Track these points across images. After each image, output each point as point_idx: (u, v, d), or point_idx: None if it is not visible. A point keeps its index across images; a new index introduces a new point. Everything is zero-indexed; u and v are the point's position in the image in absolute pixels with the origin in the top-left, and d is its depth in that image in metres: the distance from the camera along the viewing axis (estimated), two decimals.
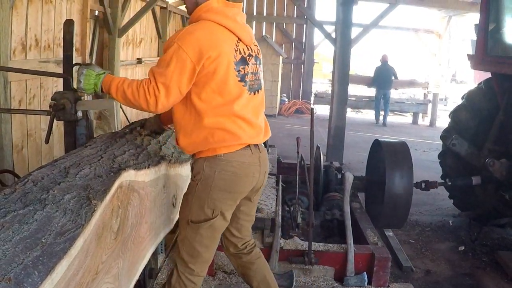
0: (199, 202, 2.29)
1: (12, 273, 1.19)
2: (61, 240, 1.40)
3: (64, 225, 1.47)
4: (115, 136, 2.53)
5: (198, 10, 2.25)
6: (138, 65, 9.30)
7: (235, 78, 2.23)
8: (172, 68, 2.12)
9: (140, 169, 2.13)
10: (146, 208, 2.23)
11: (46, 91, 5.43)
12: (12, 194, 1.57)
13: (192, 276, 2.38)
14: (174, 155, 2.76)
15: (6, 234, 1.32)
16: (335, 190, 4.52)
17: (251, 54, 2.34)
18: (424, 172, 6.48)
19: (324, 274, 3.50)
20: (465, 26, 15.69)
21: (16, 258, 1.24)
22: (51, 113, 2.85)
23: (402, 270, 4.08)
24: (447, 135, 5.16)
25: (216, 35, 2.19)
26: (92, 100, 5.76)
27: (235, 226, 2.53)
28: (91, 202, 1.63)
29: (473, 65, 5.09)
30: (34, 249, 1.31)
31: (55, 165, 1.92)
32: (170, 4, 10.94)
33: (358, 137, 10.16)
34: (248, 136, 2.29)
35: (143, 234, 2.22)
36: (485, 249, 4.63)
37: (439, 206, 5.91)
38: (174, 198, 2.77)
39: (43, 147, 5.43)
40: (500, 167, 4.46)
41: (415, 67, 23.26)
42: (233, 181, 2.28)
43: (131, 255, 2.03)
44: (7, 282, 1.15)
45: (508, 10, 4.77)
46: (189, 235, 2.34)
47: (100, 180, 1.82)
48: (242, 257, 2.62)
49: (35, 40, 5.14)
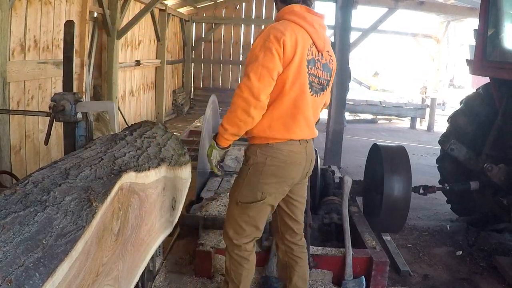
0: (249, 185, 2.51)
1: (13, 275, 1.18)
2: (62, 242, 1.39)
3: (65, 227, 1.45)
4: (115, 138, 2.52)
5: (281, 12, 2.52)
6: (136, 67, 9.31)
7: (306, 75, 2.43)
8: (260, 59, 2.31)
9: (140, 171, 2.11)
10: (146, 210, 2.21)
11: (45, 92, 5.42)
12: (12, 195, 1.55)
13: (241, 251, 2.61)
14: (174, 158, 2.76)
15: (7, 235, 1.31)
16: (333, 194, 4.51)
17: (320, 60, 2.53)
18: (422, 176, 6.48)
19: (322, 278, 3.50)
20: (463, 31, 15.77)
21: (17, 259, 1.23)
22: (50, 114, 2.86)
23: (399, 275, 4.07)
24: (445, 140, 5.16)
25: (295, 32, 2.38)
26: (92, 101, 5.75)
27: (290, 208, 2.73)
28: (92, 204, 1.62)
29: (472, 70, 5.09)
30: (35, 251, 1.30)
31: (55, 166, 1.90)
32: (169, 7, 10.95)
33: (356, 141, 10.17)
34: (301, 133, 2.50)
35: (143, 236, 2.21)
36: (482, 254, 4.63)
37: (437, 210, 5.91)
38: (174, 201, 2.77)
39: (41, 149, 5.42)
40: (498, 172, 4.46)
41: (413, 72, 23.33)
42: (282, 168, 2.49)
43: (131, 257, 2.02)
44: (8, 284, 1.14)
45: (507, 15, 4.78)
46: (236, 214, 2.57)
47: (101, 182, 1.80)
48: (294, 249, 2.80)
49: (34, 41, 5.13)
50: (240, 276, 2.64)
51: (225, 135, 2.42)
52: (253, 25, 13.79)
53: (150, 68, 10.49)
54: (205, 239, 3.50)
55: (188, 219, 3.71)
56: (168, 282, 3.22)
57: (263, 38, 2.35)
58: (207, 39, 14.01)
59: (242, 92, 2.30)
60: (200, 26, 14.03)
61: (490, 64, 4.76)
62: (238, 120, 2.35)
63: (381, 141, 6.64)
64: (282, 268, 2.90)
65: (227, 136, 2.42)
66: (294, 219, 2.77)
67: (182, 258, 3.65)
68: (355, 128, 12.37)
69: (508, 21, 4.78)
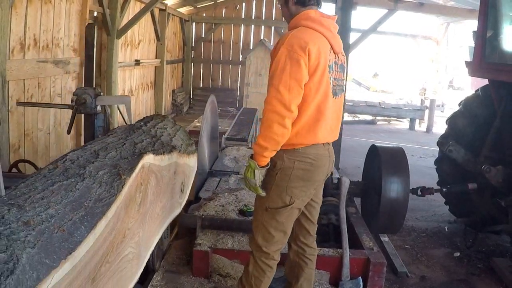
0: (278, 190, 2.50)
1: (65, 226, 1.53)
2: (100, 205, 1.75)
3: (100, 194, 1.82)
4: (133, 128, 2.87)
5: (297, 18, 2.50)
6: (136, 67, 9.30)
7: (328, 80, 2.45)
8: (288, 70, 2.32)
9: (157, 154, 2.48)
10: (161, 189, 2.56)
11: (44, 91, 5.42)
12: (55, 169, 1.92)
13: (267, 260, 2.61)
14: (183, 147, 3.08)
15: (56, 198, 1.67)
16: (331, 195, 4.51)
17: (337, 62, 2.57)
18: (420, 178, 6.49)
19: (319, 278, 3.50)
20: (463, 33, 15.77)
21: (66, 215, 1.59)
22: (73, 107, 3.28)
23: (397, 276, 4.08)
24: (444, 142, 5.17)
25: (316, 38, 2.40)
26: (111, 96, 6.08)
27: (308, 209, 2.75)
28: (121, 177, 1.98)
29: (471, 71, 5.10)
30: (79, 210, 1.66)
31: (85, 148, 2.27)
32: (169, 6, 10.95)
33: (354, 142, 10.18)
34: (324, 137, 2.53)
35: (158, 211, 2.56)
36: (480, 256, 4.64)
37: (435, 212, 5.92)
38: (182, 185, 3.11)
39: (39, 147, 5.43)
40: (496, 174, 4.46)
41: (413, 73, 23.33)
42: (310, 171, 2.51)
43: (148, 228, 2.36)
44: (62, 232, 1.50)
45: (506, 17, 4.79)
46: (265, 220, 2.57)
47: (127, 161, 2.17)
48: (306, 251, 2.82)
49: (33, 40, 5.14)
50: (260, 283, 2.65)
51: (265, 153, 2.40)
52: (253, 25, 13.78)
53: (150, 67, 10.49)
54: (203, 239, 3.50)
55: (186, 219, 3.70)
56: (165, 282, 3.22)
57: (286, 48, 2.34)
58: (207, 39, 14.01)
59: (274, 106, 2.31)
60: (200, 26, 14.04)
61: (488, 66, 4.77)
62: (276, 135, 2.34)
63: (380, 142, 6.64)
64: (290, 268, 2.91)
65: (267, 154, 2.40)
66: (310, 220, 2.80)
67: (180, 258, 3.65)
68: (354, 129, 12.38)
69: (507, 23, 4.79)
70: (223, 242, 3.51)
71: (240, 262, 3.40)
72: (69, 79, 6.04)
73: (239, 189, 4.46)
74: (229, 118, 9.10)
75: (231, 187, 4.58)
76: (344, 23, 7.35)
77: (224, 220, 3.73)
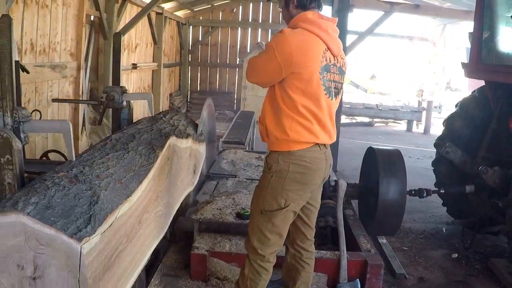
0: (273, 193, 2.53)
1: (123, 180, 2.11)
2: (143, 169, 2.33)
3: (142, 162, 2.40)
4: (155, 118, 3.36)
5: (295, 20, 2.55)
6: (133, 70, 9.30)
7: (319, 81, 2.46)
8: (263, 57, 2.51)
9: (178, 138, 3.06)
10: (180, 166, 3.07)
11: (41, 95, 5.42)
12: (105, 145, 2.48)
13: (263, 262, 2.61)
14: (195, 135, 3.59)
15: (112, 162, 2.23)
16: (328, 197, 4.51)
17: (335, 64, 2.59)
18: (417, 179, 6.49)
19: (317, 281, 3.49)
20: (459, 34, 15.81)
21: (121, 174, 2.16)
22: (104, 102, 3.80)
23: (395, 277, 4.08)
24: (441, 143, 5.17)
25: (307, 41, 2.45)
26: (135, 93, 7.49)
27: (305, 213, 2.75)
28: (155, 151, 2.56)
29: (467, 73, 5.12)
30: (130, 171, 2.23)
31: (124, 132, 2.82)
32: (166, 10, 10.96)
33: (352, 144, 10.18)
34: (320, 137, 2.54)
35: (179, 184, 3.06)
36: (478, 257, 4.64)
37: (433, 213, 5.92)
38: (195, 167, 3.62)
39: (37, 149, 5.42)
40: (493, 174, 4.47)
41: (410, 75, 23.38)
42: (305, 174, 2.52)
43: (172, 195, 2.88)
44: (120, 184, 2.06)
45: (502, 18, 4.81)
46: (261, 223, 2.58)
47: (157, 140, 2.74)
48: (303, 255, 2.82)
49: (30, 45, 5.13)
50: (256, 285, 2.65)
51: None
52: (250, 28, 13.80)
53: (147, 71, 10.49)
54: (200, 243, 3.49)
55: (183, 222, 3.70)
56: (163, 286, 3.22)
57: (274, 42, 2.46)
58: (204, 42, 14.03)
59: None
60: (197, 29, 14.06)
61: (485, 67, 4.79)
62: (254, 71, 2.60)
63: (377, 144, 6.65)
64: (287, 271, 2.91)
65: None
66: (307, 224, 2.80)
67: (178, 261, 3.65)
68: (352, 131, 12.39)
69: (503, 24, 4.80)
70: (221, 246, 3.50)
71: (237, 265, 3.39)
72: (66, 83, 6.04)
73: (237, 192, 4.46)
74: (227, 121, 9.12)
75: (229, 190, 4.57)
76: (341, 25, 7.35)
77: (221, 223, 3.72)
